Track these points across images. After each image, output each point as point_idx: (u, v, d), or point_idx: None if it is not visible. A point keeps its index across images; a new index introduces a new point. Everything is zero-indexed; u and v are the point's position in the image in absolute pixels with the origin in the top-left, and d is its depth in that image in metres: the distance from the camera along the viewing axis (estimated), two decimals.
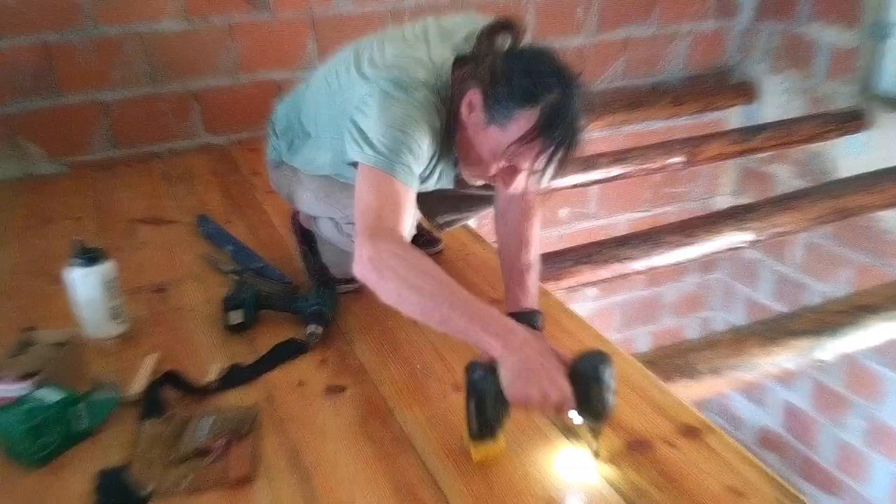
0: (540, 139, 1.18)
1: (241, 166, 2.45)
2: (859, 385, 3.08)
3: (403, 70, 1.26)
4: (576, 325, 1.50)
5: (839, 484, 3.25)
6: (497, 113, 1.20)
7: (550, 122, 1.16)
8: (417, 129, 1.23)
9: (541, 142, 1.18)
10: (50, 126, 2.39)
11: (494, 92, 1.20)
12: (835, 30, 2.93)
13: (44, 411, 1.16)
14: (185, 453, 1.15)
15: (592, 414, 1.09)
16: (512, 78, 1.18)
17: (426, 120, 1.24)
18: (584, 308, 3.46)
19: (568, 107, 1.17)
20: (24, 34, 2.28)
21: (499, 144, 1.21)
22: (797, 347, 1.62)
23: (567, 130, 1.18)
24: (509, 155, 1.21)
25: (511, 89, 1.18)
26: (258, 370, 1.38)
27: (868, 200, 2.40)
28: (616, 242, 2.09)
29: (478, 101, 1.22)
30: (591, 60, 3.08)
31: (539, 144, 1.18)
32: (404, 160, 1.21)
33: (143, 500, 1.08)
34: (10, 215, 2.13)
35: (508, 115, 1.19)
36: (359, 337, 1.49)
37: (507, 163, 1.23)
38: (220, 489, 1.10)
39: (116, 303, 1.43)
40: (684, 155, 2.74)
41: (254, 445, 1.18)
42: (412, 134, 1.22)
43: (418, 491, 1.09)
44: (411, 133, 1.22)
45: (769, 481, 1.07)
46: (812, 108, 3.08)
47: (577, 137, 1.19)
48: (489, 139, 1.23)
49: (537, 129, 1.17)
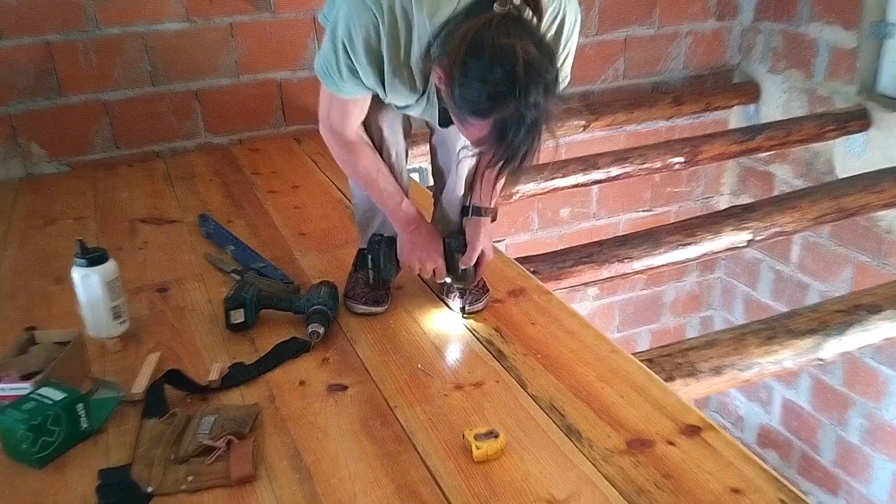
0: (492, 149, 1.16)
1: (243, 166, 2.45)
2: (859, 384, 3.08)
3: None
4: (577, 324, 1.50)
5: (839, 482, 3.25)
6: (454, 108, 1.17)
7: (501, 135, 1.13)
8: (356, 45, 1.24)
9: (492, 151, 1.16)
10: (52, 126, 2.40)
11: (450, 90, 1.15)
12: (835, 30, 2.93)
13: (46, 410, 1.16)
14: (187, 453, 1.16)
15: (456, 278, 1.53)
16: (466, 82, 1.11)
17: (369, 33, 1.22)
18: (585, 307, 3.47)
19: (520, 121, 1.10)
20: (26, 34, 2.28)
21: (461, 129, 1.22)
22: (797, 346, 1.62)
23: (518, 143, 1.13)
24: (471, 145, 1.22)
25: (464, 95, 1.13)
26: (260, 369, 1.38)
27: (868, 200, 2.41)
28: (617, 242, 2.09)
29: (442, 84, 1.18)
30: (592, 60, 3.08)
31: (491, 153, 1.16)
32: (340, 75, 1.30)
33: (144, 500, 1.08)
34: (12, 215, 2.14)
35: (462, 118, 1.17)
36: (360, 336, 1.49)
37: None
38: (221, 488, 1.10)
39: (118, 302, 1.43)
40: (685, 155, 2.74)
41: (255, 445, 1.18)
42: (351, 49, 1.25)
43: (419, 490, 1.09)
44: (350, 48, 1.25)
45: (769, 480, 1.08)
46: (812, 108, 3.08)
47: (528, 149, 1.15)
48: (455, 118, 1.21)
49: (487, 140, 1.15)
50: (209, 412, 1.24)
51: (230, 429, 1.19)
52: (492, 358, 1.40)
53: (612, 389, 1.29)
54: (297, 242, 1.91)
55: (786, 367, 1.62)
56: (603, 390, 1.29)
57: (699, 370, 1.54)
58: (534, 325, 1.50)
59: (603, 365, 1.36)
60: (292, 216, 2.07)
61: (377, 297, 1.57)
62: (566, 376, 1.33)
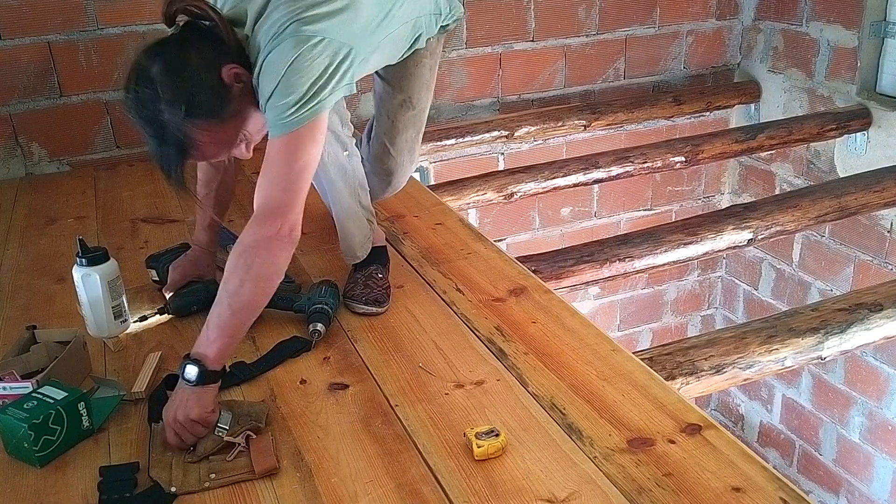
0: None
1: (244, 165, 2.44)
2: (860, 382, 3.08)
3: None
4: (577, 323, 1.50)
5: (840, 481, 3.25)
6: None
7: None
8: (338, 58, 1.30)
9: None
10: (52, 126, 2.40)
11: None
12: (835, 29, 2.93)
13: (47, 409, 1.16)
14: (206, 451, 1.15)
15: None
16: None
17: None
18: (586, 306, 3.47)
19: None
20: (27, 34, 2.29)
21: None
22: (798, 345, 1.62)
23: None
24: None
25: None
26: (261, 368, 1.38)
27: (868, 199, 2.40)
28: (617, 241, 2.09)
29: None
30: (593, 60, 3.08)
31: None
32: (333, 89, 1.31)
33: (169, 500, 1.08)
34: (13, 215, 2.14)
35: None
36: (361, 335, 1.49)
37: None
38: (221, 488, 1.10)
39: (119, 302, 1.43)
40: (685, 154, 2.74)
41: (273, 438, 1.19)
42: (346, 59, 1.30)
43: (420, 488, 1.09)
44: (346, 57, 1.30)
45: (770, 478, 1.08)
46: (813, 108, 3.08)
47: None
48: None
49: None
50: (223, 410, 1.23)
51: (247, 424, 1.19)
52: (493, 356, 1.40)
53: (612, 388, 1.29)
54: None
55: (787, 366, 1.62)
56: (604, 389, 1.29)
57: (700, 369, 1.54)
58: (535, 323, 1.50)
59: (604, 364, 1.36)
60: None
61: (377, 297, 1.57)
62: (567, 375, 1.33)
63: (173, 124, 1.21)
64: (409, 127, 1.65)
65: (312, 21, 1.22)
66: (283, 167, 1.26)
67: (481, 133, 2.83)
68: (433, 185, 2.55)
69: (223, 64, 1.24)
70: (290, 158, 1.26)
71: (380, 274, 1.61)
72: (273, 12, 1.24)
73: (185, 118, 1.21)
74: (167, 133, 1.22)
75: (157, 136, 1.23)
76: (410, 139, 1.68)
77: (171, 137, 1.22)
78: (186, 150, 1.25)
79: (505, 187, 2.54)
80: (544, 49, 2.97)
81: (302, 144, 1.26)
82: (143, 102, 1.21)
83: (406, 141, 1.67)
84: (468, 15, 2.81)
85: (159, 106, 1.20)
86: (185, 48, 1.24)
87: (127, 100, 1.23)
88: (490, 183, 2.53)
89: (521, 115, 2.90)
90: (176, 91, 1.20)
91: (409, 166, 1.74)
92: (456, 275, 1.71)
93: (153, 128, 1.22)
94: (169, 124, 1.21)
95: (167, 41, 1.26)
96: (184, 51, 1.23)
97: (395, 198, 1.91)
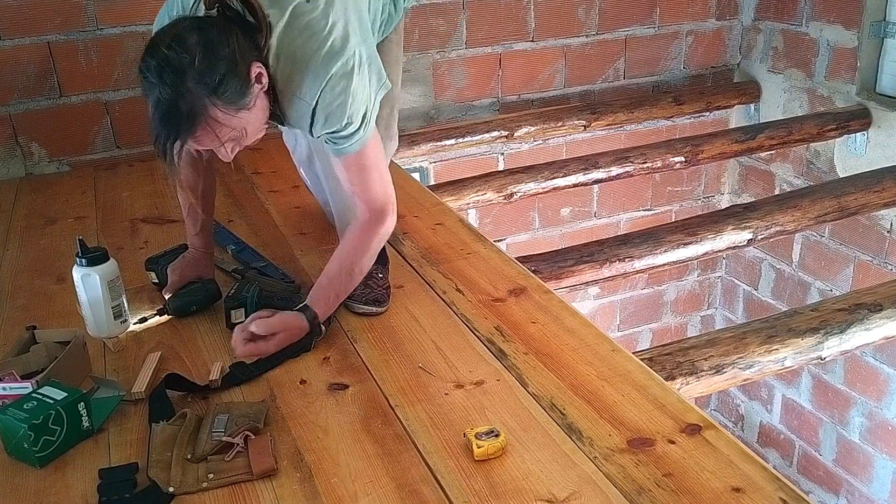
0: None
1: (244, 166, 2.45)
2: (860, 383, 3.08)
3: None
4: (577, 323, 1.50)
5: (840, 481, 3.25)
6: None
7: None
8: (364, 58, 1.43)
9: None
10: (52, 126, 2.40)
11: None
12: (835, 29, 2.93)
13: (47, 410, 1.16)
14: (204, 451, 1.15)
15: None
16: None
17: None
18: (586, 306, 3.47)
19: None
20: (27, 34, 2.29)
21: None
22: (798, 345, 1.62)
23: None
24: None
25: None
26: (261, 368, 1.38)
27: (869, 199, 2.40)
28: (617, 241, 2.09)
29: None
30: (593, 60, 3.08)
31: None
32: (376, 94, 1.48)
33: (166, 500, 1.08)
34: (13, 215, 2.14)
35: None
36: (361, 335, 1.49)
37: None
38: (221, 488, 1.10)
39: (118, 302, 1.43)
40: (685, 154, 2.74)
41: (272, 438, 1.19)
42: (366, 58, 1.43)
43: (420, 488, 1.09)
44: (366, 57, 1.43)
45: (770, 479, 1.08)
46: (813, 108, 3.08)
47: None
48: None
49: None
50: (222, 410, 1.23)
51: (245, 425, 1.19)
52: (493, 357, 1.40)
53: (612, 388, 1.29)
54: (297, 242, 1.91)
55: (787, 366, 1.62)
56: (604, 389, 1.29)
57: (700, 369, 1.54)
58: (534, 323, 1.50)
59: (604, 364, 1.36)
60: (293, 216, 2.07)
61: (377, 297, 1.57)
62: (567, 375, 1.33)
63: (195, 95, 1.21)
64: (384, 105, 1.62)
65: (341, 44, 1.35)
66: (370, 173, 1.46)
67: (481, 133, 2.83)
68: (433, 185, 2.55)
69: (253, 60, 1.28)
70: (370, 164, 1.45)
71: (380, 274, 1.61)
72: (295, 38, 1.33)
73: (210, 94, 1.22)
74: (184, 101, 1.21)
75: (171, 101, 1.21)
76: (385, 116, 1.66)
77: (187, 106, 1.21)
78: (194, 126, 1.24)
79: (505, 187, 2.54)
80: (544, 49, 2.97)
81: (372, 151, 1.44)
82: (172, 65, 1.20)
83: (381, 118, 1.63)
84: (468, 15, 2.81)
85: (189, 73, 1.20)
86: (227, 32, 1.25)
87: (151, 61, 1.21)
88: (490, 183, 2.54)
89: (521, 116, 2.90)
90: (210, 66, 1.21)
91: (388, 144, 1.72)
92: (456, 275, 1.71)
93: (172, 92, 1.20)
94: (191, 93, 1.20)
95: (211, 20, 1.27)
96: (226, 34, 1.25)
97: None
